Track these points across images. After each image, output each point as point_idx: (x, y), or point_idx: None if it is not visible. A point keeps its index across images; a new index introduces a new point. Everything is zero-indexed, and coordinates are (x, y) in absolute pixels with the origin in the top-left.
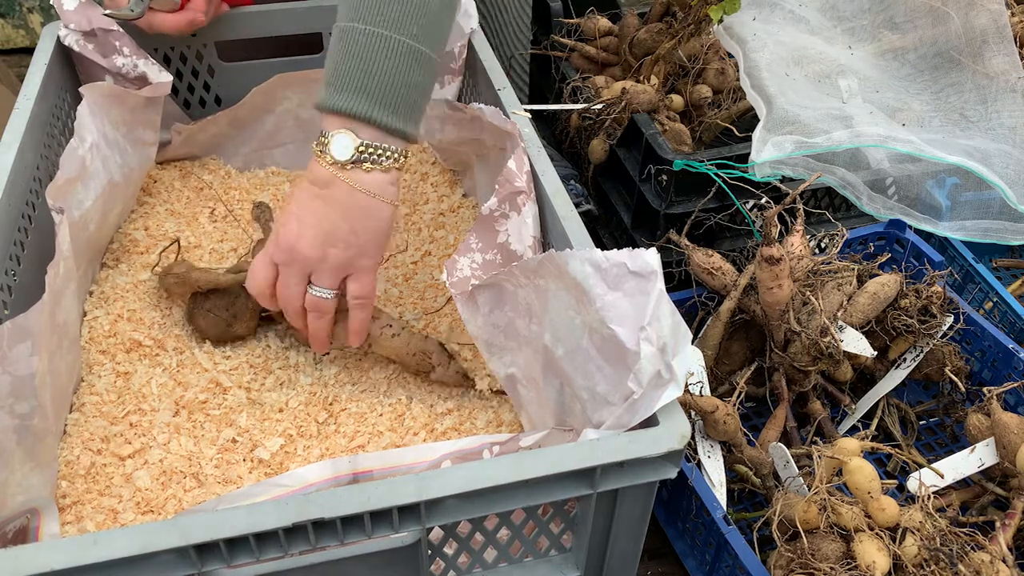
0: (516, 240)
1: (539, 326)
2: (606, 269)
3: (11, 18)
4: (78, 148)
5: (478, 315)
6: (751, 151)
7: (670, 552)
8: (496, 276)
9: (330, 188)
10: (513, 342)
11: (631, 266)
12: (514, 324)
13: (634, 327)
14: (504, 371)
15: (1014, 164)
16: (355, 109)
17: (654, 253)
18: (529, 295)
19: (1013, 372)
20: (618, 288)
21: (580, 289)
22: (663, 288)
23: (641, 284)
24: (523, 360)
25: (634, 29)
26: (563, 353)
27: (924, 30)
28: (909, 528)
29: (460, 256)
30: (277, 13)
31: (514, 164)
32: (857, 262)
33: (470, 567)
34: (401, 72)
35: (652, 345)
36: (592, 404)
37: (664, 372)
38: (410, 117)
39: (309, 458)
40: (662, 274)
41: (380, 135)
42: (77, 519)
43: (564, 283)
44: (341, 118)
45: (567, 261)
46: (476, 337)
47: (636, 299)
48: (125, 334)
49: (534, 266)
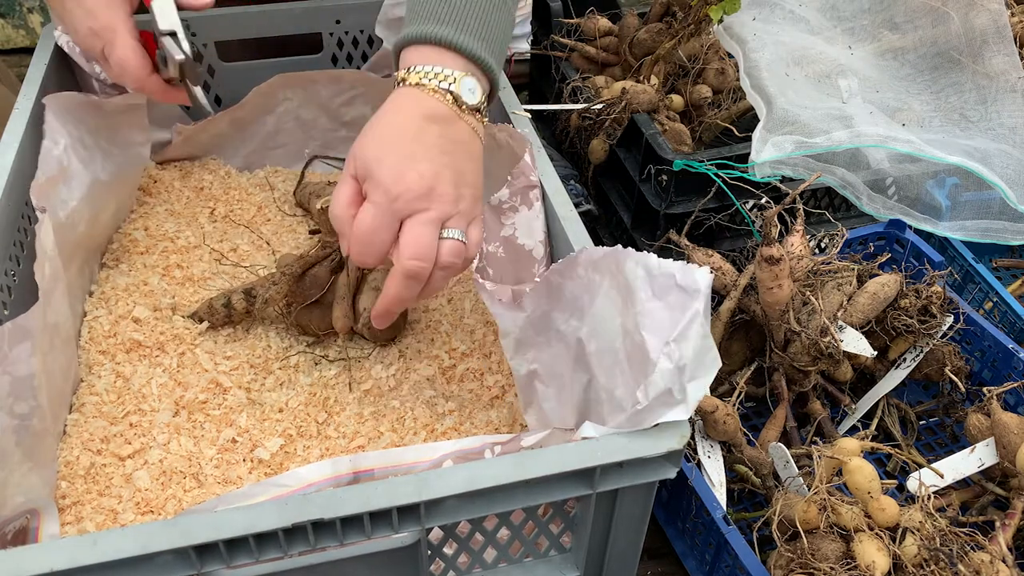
0: (524, 235)
1: (579, 320)
2: (656, 276)
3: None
4: (52, 149)
5: (520, 315)
6: (751, 151)
7: (670, 552)
8: (551, 271)
9: (452, 126)
10: (543, 336)
11: (680, 279)
12: (549, 316)
13: (662, 339)
14: (526, 367)
15: (1014, 164)
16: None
17: (706, 273)
18: (578, 287)
19: (1013, 372)
20: (662, 298)
21: (629, 290)
22: (702, 309)
23: (683, 299)
24: (548, 355)
25: (634, 29)
26: (595, 349)
27: (924, 30)
28: (909, 528)
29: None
30: (277, 13)
31: (529, 158)
32: (857, 262)
33: (470, 567)
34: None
35: (671, 362)
36: (608, 406)
37: (676, 392)
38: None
39: (309, 458)
40: (708, 296)
41: (488, 86)
42: (77, 519)
43: (617, 281)
44: (463, 60)
45: (624, 259)
46: (507, 334)
47: (674, 313)
48: (125, 334)
49: (597, 258)
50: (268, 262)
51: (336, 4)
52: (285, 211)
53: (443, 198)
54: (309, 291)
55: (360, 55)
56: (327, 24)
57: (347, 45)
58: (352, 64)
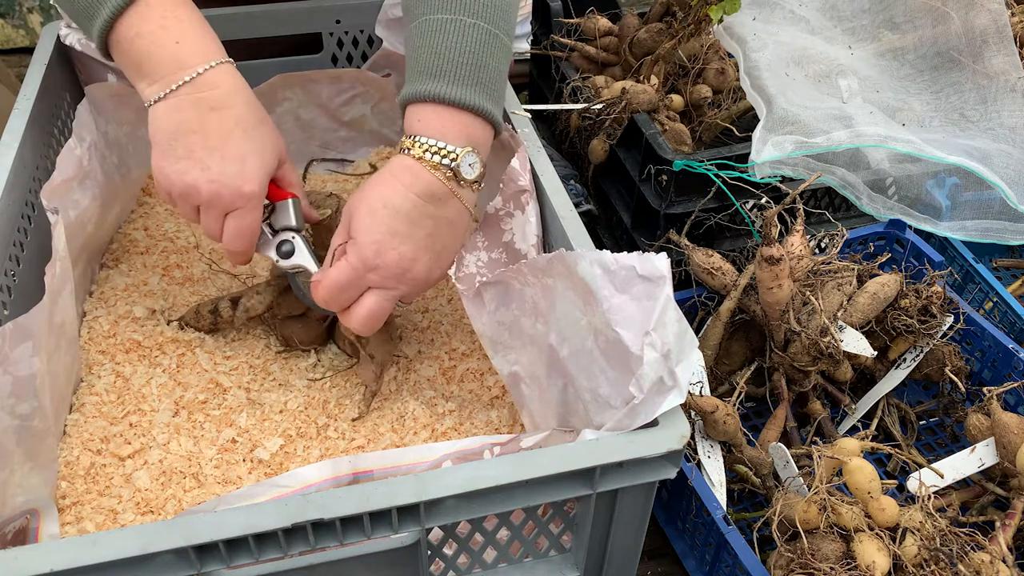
0: (520, 239)
1: (545, 325)
2: (615, 271)
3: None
4: (75, 148)
5: (484, 312)
6: (751, 151)
7: (670, 552)
8: (503, 273)
9: (445, 206)
10: (518, 340)
11: (640, 270)
12: (520, 322)
13: (639, 331)
14: (508, 368)
15: (1014, 164)
16: (478, 103)
17: (664, 258)
18: (536, 293)
19: (1013, 372)
20: (626, 291)
21: (588, 290)
22: (671, 294)
23: (649, 288)
24: (527, 359)
25: (634, 29)
26: (568, 353)
27: (924, 30)
28: (909, 528)
29: (467, 253)
30: (277, 13)
31: (518, 163)
32: (857, 262)
33: (469, 567)
34: (503, 57)
35: (656, 351)
36: (594, 406)
37: (667, 379)
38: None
39: (309, 458)
40: (671, 279)
41: (490, 134)
42: (77, 519)
43: (572, 283)
44: (464, 116)
45: (576, 261)
46: (481, 334)
47: (643, 303)
48: (125, 334)
49: (543, 264)
50: (268, 263)
51: (336, 4)
52: None
53: (414, 281)
54: (294, 304)
55: (360, 55)
56: (327, 24)
57: (347, 45)
58: (352, 64)
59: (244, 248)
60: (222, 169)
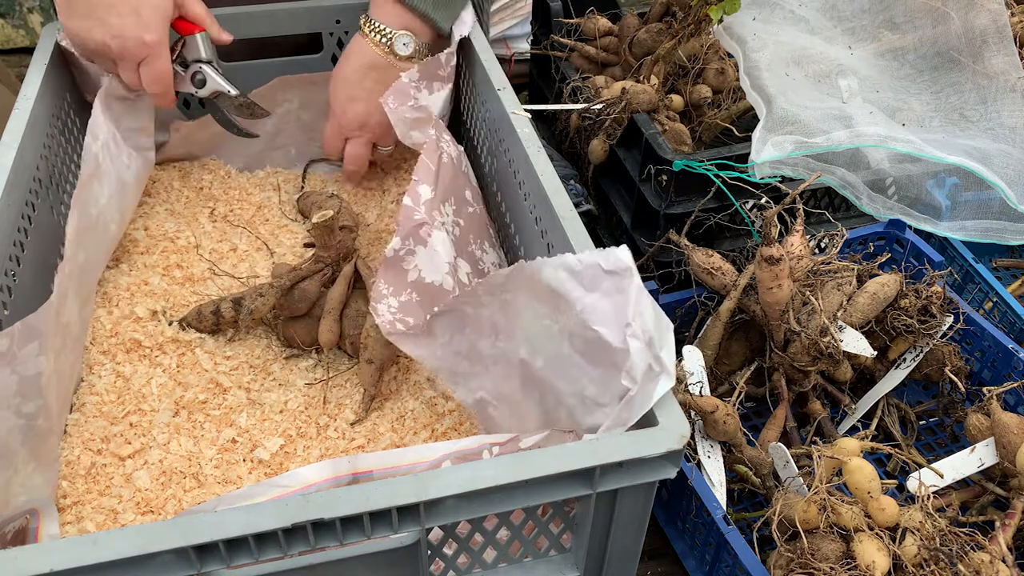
0: (430, 272)
1: (510, 341)
2: (581, 272)
3: (11, 18)
4: (92, 145)
5: (436, 345)
6: (751, 151)
7: (670, 552)
8: (454, 301)
9: (386, 73)
10: (479, 366)
11: (605, 266)
12: (477, 347)
13: (618, 325)
14: (472, 397)
15: (1014, 164)
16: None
17: (625, 250)
18: (493, 313)
19: (1013, 372)
20: (595, 289)
21: (556, 295)
22: (640, 283)
23: (618, 282)
24: (491, 382)
25: (634, 29)
26: (543, 364)
27: (924, 30)
28: (909, 528)
29: (376, 303)
30: (277, 13)
31: (409, 199)
32: (857, 262)
33: (469, 567)
34: None
35: (639, 340)
36: (581, 409)
37: (654, 365)
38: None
39: (309, 458)
40: (636, 269)
41: (431, 35)
42: (77, 519)
43: (536, 292)
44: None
45: (540, 269)
46: (438, 369)
47: (615, 298)
48: (126, 334)
49: (500, 281)
50: (268, 263)
51: (336, 4)
52: (285, 212)
53: (374, 128)
54: (297, 304)
55: None
56: (327, 24)
57: (347, 45)
58: None
59: (163, 90)
60: (122, 24)
